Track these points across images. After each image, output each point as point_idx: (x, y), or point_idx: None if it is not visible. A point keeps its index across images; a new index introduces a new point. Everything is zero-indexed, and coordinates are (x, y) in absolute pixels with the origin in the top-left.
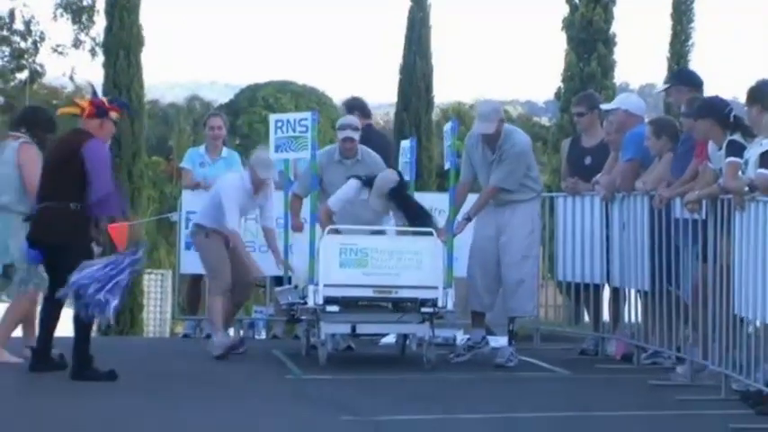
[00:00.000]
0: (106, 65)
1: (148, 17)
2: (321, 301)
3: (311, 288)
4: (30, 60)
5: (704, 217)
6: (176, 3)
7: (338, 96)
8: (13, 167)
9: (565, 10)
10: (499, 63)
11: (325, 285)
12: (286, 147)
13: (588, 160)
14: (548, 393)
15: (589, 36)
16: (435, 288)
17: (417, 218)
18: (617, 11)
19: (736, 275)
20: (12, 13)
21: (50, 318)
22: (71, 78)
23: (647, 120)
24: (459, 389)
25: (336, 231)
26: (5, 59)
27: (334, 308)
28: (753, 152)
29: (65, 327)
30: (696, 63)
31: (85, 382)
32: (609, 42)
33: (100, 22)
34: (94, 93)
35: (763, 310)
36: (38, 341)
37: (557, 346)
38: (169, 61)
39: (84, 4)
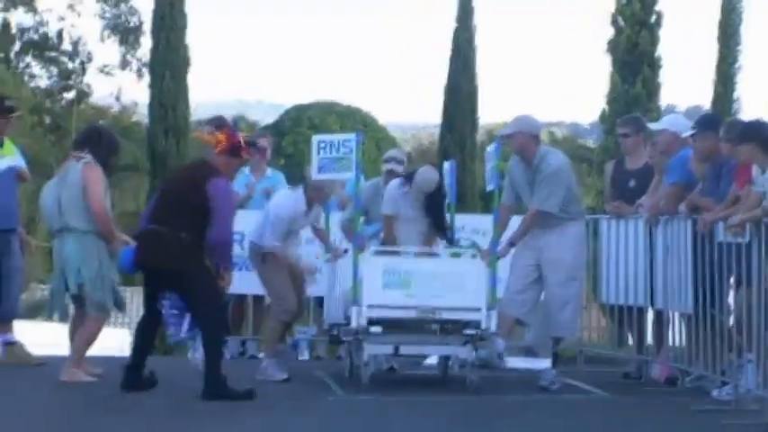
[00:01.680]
0: (152, 85)
1: (195, 36)
2: (364, 323)
3: (354, 309)
4: (77, 81)
5: (748, 240)
6: (223, 23)
7: (384, 117)
8: (79, 189)
9: (610, 32)
10: (544, 85)
11: (369, 306)
12: (329, 168)
13: (632, 183)
14: (589, 416)
15: (634, 58)
16: (478, 310)
17: (436, 226)
18: (662, 33)
19: None
20: (60, 34)
21: (146, 335)
22: (117, 98)
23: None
24: (502, 411)
25: (380, 253)
26: (53, 80)
27: (378, 329)
28: None
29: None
30: (743, 85)
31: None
32: (654, 64)
33: (146, 42)
34: (235, 126)
35: None
36: (132, 357)
37: (600, 369)
38: (215, 81)
39: (131, 25)
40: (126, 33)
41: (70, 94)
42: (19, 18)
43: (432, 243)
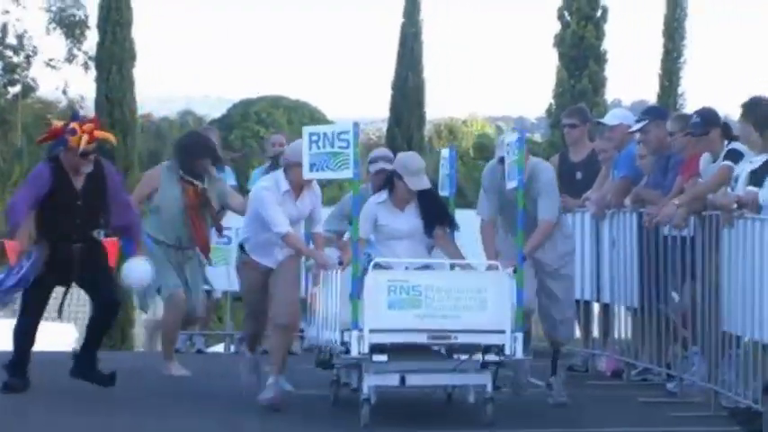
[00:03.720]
0: (99, 79)
1: (141, 31)
2: (367, 350)
3: (354, 334)
4: (22, 75)
5: (692, 234)
6: (170, 17)
7: (331, 112)
8: None
9: (556, 27)
10: (491, 79)
11: (372, 331)
12: (323, 164)
13: (579, 175)
14: (538, 410)
15: (580, 53)
16: (502, 332)
17: (433, 215)
18: (608, 28)
19: (724, 292)
20: (4, 27)
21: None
22: (64, 92)
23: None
24: None
25: (383, 266)
26: None
27: (383, 357)
28: (742, 168)
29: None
30: (687, 80)
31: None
32: (600, 59)
33: (92, 36)
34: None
35: (751, 326)
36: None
37: (546, 362)
38: (162, 75)
39: (77, 18)
40: (72, 27)
41: (15, 88)
42: None
43: (448, 246)
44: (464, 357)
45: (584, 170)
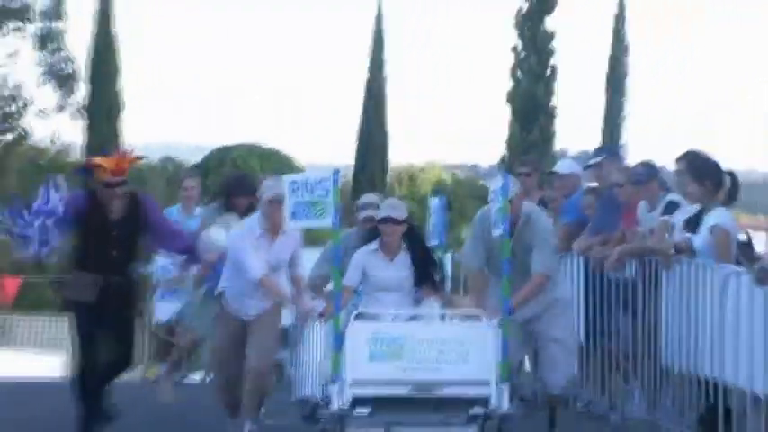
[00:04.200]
0: (89, 128)
1: (127, 82)
2: (348, 403)
3: (335, 387)
4: (17, 123)
5: (634, 276)
6: (153, 68)
7: (301, 158)
8: None
9: (509, 84)
10: (448, 130)
11: (353, 383)
12: (304, 214)
13: None
14: None
15: (531, 108)
16: (486, 384)
17: (423, 265)
18: (557, 85)
19: (662, 329)
20: (5, 79)
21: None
22: (52, 141)
23: None
24: None
25: (364, 317)
26: None
27: (364, 410)
28: (679, 218)
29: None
30: (629, 132)
31: None
32: (549, 114)
33: (82, 87)
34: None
35: (686, 361)
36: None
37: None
38: (144, 123)
39: (67, 72)
40: (62, 80)
41: (9, 136)
42: None
43: (440, 297)
44: (450, 410)
45: None
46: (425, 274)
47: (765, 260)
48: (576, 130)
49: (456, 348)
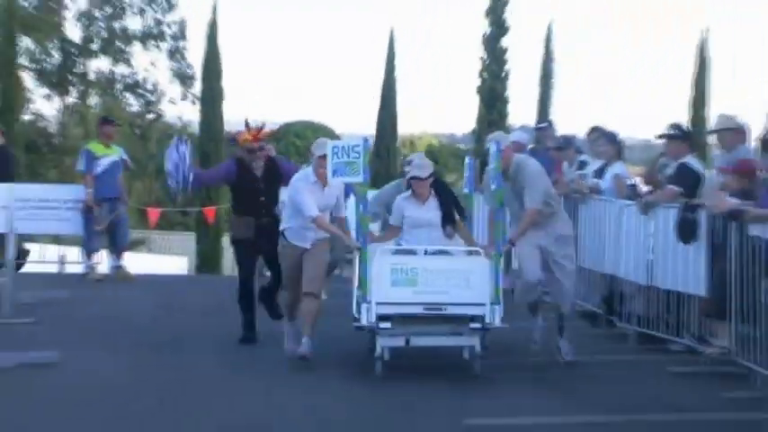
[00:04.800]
0: (202, 112)
1: (227, 79)
2: (374, 319)
3: (364, 306)
4: (155, 108)
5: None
6: (246, 66)
7: (339, 129)
8: None
9: (478, 82)
10: (437, 109)
11: (378, 303)
12: (342, 171)
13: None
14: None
15: (492, 97)
16: (483, 305)
17: (448, 207)
18: (509, 82)
19: (580, 242)
20: (145, 79)
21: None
22: (180, 119)
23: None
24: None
25: (389, 252)
26: (140, 107)
27: (387, 324)
28: (590, 169)
29: None
30: (555, 114)
31: None
32: (504, 101)
33: (198, 84)
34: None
35: (595, 260)
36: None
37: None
38: (240, 107)
39: (189, 74)
40: (184, 79)
41: (150, 116)
42: (121, 69)
43: (464, 234)
44: (454, 325)
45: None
46: (450, 214)
47: (646, 197)
48: (521, 112)
49: (459, 277)
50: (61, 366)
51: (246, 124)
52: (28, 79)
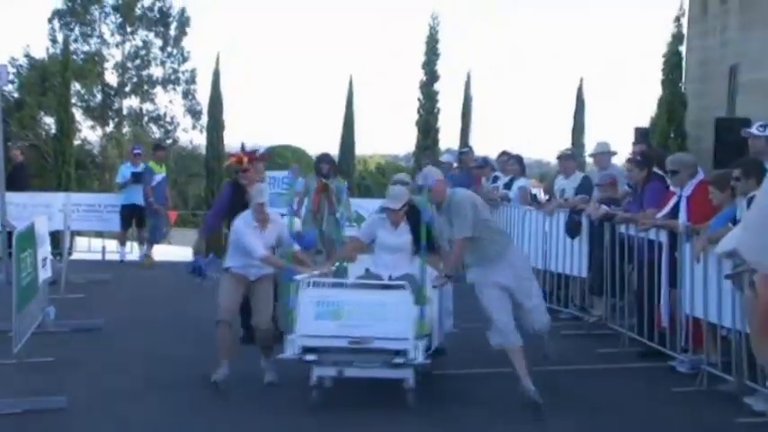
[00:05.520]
0: (208, 139)
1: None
2: (298, 351)
3: (290, 338)
4: (172, 135)
5: None
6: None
7: (311, 150)
8: None
9: (416, 116)
10: (386, 137)
11: (302, 336)
12: (275, 203)
13: None
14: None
15: (427, 128)
16: (406, 339)
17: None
18: (440, 116)
19: None
20: (165, 114)
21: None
22: (190, 142)
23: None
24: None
25: (314, 285)
26: (161, 134)
27: (313, 357)
28: (500, 183)
29: None
30: (475, 143)
31: None
32: (436, 131)
33: (204, 117)
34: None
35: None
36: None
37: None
38: (240, 133)
39: (198, 109)
40: (194, 113)
41: (168, 141)
42: (147, 106)
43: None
44: (379, 359)
45: None
46: (418, 239)
47: (546, 205)
48: (448, 139)
49: (382, 311)
50: (105, 330)
51: (242, 148)
52: (78, 114)
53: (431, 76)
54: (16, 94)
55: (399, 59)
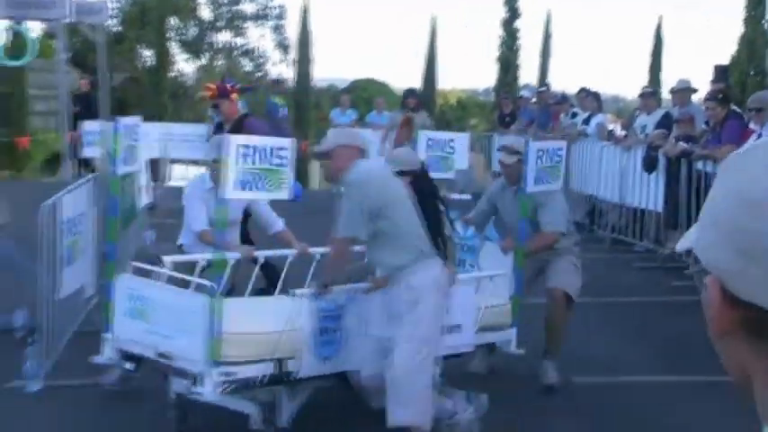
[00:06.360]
0: (296, 72)
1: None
2: (113, 354)
3: (106, 337)
4: (263, 68)
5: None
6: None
7: (395, 84)
8: None
9: (497, 53)
10: (463, 66)
11: (118, 337)
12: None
13: None
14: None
15: (507, 64)
16: (195, 362)
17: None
18: (520, 53)
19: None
20: (255, 48)
21: None
22: (279, 76)
23: None
24: None
25: (137, 271)
26: (251, 68)
27: (130, 365)
28: (579, 119)
29: None
30: (553, 72)
31: None
32: (516, 68)
33: (293, 51)
34: (222, 79)
35: (582, 184)
36: None
37: None
38: (328, 68)
39: (286, 44)
40: (284, 47)
41: (259, 74)
42: (238, 40)
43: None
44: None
45: None
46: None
47: (624, 140)
48: (527, 76)
49: (182, 320)
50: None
51: (222, 79)
52: (174, 47)
53: (512, 13)
54: (118, 29)
55: None
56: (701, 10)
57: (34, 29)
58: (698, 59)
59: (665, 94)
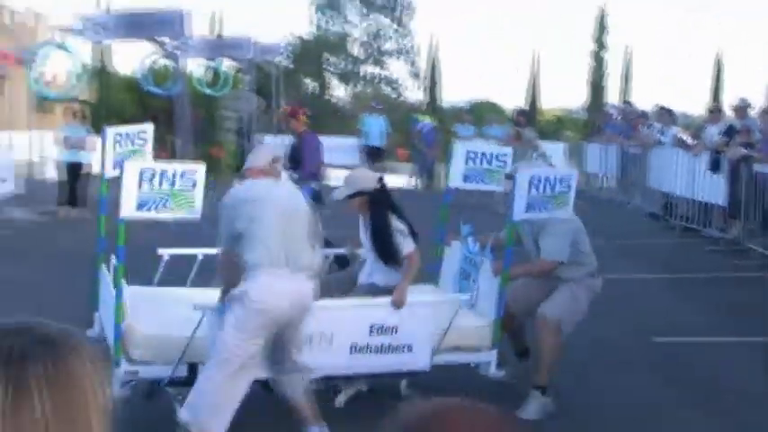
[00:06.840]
0: (428, 96)
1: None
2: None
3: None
4: (400, 93)
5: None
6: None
7: (506, 105)
8: None
9: (587, 77)
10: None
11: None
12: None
13: None
14: None
15: (596, 87)
16: None
17: (374, 239)
18: (606, 78)
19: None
20: (394, 77)
21: None
22: (417, 101)
23: None
24: None
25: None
26: (391, 93)
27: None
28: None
29: None
30: (635, 93)
31: None
32: (603, 90)
33: (423, 80)
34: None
35: (649, 177)
36: None
37: None
38: (453, 91)
39: (417, 73)
40: (417, 76)
41: (397, 98)
42: (381, 72)
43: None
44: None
45: None
46: (379, 248)
47: (693, 147)
48: (614, 94)
49: None
50: None
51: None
52: (331, 78)
53: (599, 44)
54: (290, 66)
55: (574, 33)
56: (758, 34)
57: (226, 65)
58: (756, 77)
59: (726, 108)
